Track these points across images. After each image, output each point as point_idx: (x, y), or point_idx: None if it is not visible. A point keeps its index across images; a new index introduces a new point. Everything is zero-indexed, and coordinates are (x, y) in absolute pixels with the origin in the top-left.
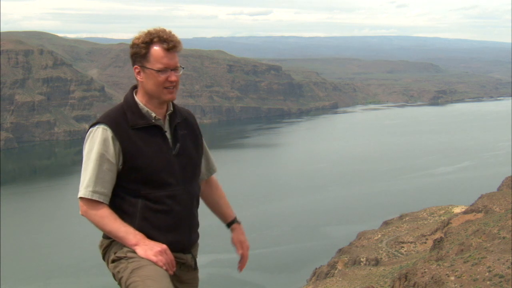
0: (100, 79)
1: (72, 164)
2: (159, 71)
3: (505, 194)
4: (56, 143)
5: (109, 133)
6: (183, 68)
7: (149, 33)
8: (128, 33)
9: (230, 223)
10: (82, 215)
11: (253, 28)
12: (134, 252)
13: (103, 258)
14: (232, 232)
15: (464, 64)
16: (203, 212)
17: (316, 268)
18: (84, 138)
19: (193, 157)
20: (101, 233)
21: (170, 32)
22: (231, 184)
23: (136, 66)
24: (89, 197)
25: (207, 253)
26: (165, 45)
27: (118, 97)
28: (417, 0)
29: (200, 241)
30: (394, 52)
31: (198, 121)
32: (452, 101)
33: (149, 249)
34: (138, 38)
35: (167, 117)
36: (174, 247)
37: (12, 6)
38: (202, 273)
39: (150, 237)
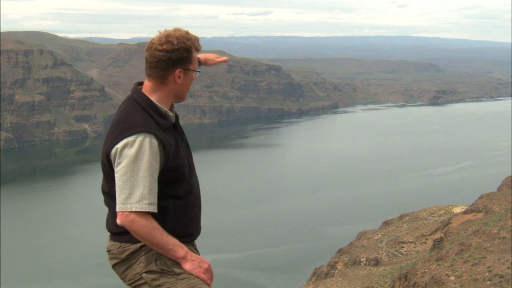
0: (100, 79)
1: (72, 164)
2: (195, 71)
3: (505, 194)
4: (56, 143)
5: (154, 141)
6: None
7: (187, 38)
8: (128, 33)
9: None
10: (124, 225)
11: (253, 28)
12: (177, 264)
13: (120, 262)
14: (207, 62)
15: (464, 64)
16: (204, 211)
17: (316, 268)
18: (83, 137)
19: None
20: (102, 233)
21: (194, 35)
22: (231, 184)
23: (180, 69)
24: (147, 210)
25: (208, 253)
26: (199, 48)
27: (118, 97)
28: (418, 0)
29: (200, 241)
30: (394, 52)
31: (198, 121)
32: (452, 101)
33: (198, 266)
34: (183, 44)
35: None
36: (194, 238)
37: (13, 6)
38: None
39: (179, 233)
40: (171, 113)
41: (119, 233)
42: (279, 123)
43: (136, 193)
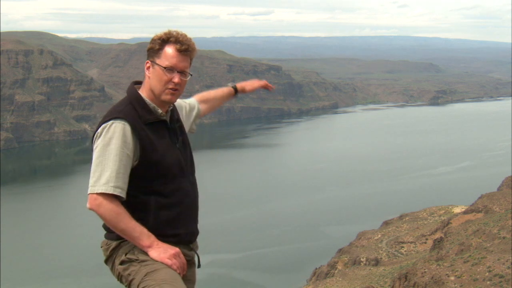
0: (100, 79)
1: (72, 164)
2: (166, 68)
3: (505, 194)
4: (56, 143)
5: (127, 128)
6: (191, 75)
7: (168, 32)
8: (128, 33)
9: (235, 92)
10: (92, 209)
11: (253, 28)
12: (146, 254)
13: (107, 259)
14: (244, 90)
15: (464, 64)
16: (204, 211)
17: (316, 268)
18: (83, 137)
19: (190, 148)
20: (102, 233)
21: (186, 36)
22: (231, 184)
23: (147, 60)
24: (111, 192)
25: (207, 253)
26: (178, 46)
27: (118, 97)
28: (418, 0)
29: (200, 241)
30: (394, 52)
31: (198, 121)
32: (452, 101)
33: (163, 252)
34: (157, 35)
35: (169, 112)
36: (183, 239)
37: (13, 6)
38: (202, 273)
39: (163, 233)
40: (160, 110)
41: (107, 229)
42: (279, 123)
43: (104, 176)
